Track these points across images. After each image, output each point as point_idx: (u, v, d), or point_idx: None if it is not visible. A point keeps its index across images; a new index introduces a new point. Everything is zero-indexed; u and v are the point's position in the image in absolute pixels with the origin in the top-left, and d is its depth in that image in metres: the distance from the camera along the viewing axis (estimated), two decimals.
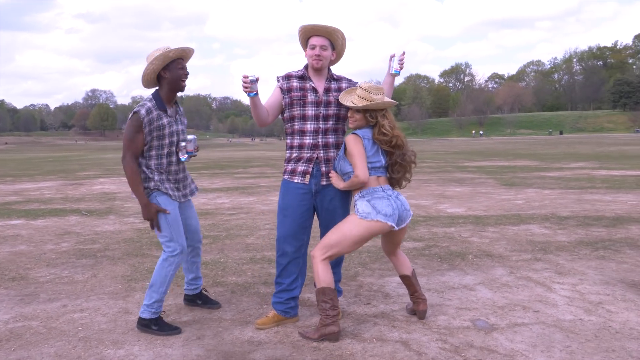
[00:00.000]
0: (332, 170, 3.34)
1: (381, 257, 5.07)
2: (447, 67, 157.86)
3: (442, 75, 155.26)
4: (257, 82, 3.12)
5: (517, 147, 37.63)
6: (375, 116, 3.22)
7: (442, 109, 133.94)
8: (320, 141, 3.36)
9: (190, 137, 3.49)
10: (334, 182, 3.30)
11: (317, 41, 3.29)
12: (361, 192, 3.20)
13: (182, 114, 3.54)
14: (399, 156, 3.27)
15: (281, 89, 3.38)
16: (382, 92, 3.22)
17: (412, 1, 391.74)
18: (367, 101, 3.16)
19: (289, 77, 3.40)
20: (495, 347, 3.00)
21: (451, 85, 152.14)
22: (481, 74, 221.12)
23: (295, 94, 3.35)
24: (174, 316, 3.63)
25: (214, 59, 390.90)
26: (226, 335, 3.27)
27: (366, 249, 5.39)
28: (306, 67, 3.43)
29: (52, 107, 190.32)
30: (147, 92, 3.43)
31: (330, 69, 3.46)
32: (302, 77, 3.39)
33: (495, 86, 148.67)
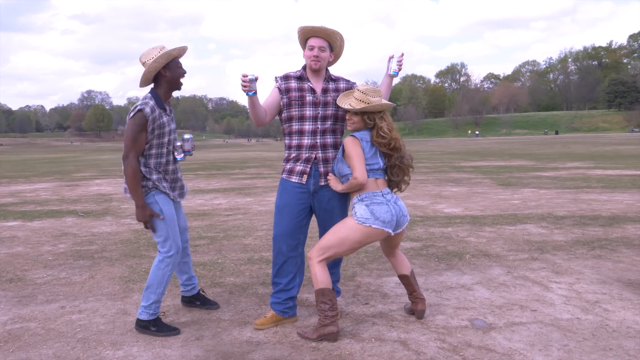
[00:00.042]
0: (331, 173, 3.35)
1: (379, 257, 5.09)
2: (443, 68, 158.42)
3: (437, 75, 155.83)
4: (256, 81, 3.13)
5: (513, 147, 37.73)
6: (373, 118, 3.23)
7: (438, 109, 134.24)
8: (318, 142, 3.37)
9: (187, 136, 3.53)
10: (332, 184, 3.30)
11: (316, 42, 3.30)
12: (360, 195, 3.20)
13: (173, 113, 3.55)
14: (398, 159, 3.28)
15: (279, 89, 3.39)
16: (379, 94, 3.24)
17: (407, 1, 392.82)
18: (365, 104, 3.17)
19: (287, 78, 3.41)
20: (493, 346, 3.01)
21: (447, 85, 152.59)
22: (477, 74, 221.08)
23: (293, 94, 3.35)
24: (172, 317, 3.63)
25: (209, 60, 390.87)
26: (225, 335, 3.27)
27: (364, 249, 5.39)
28: (304, 67, 3.44)
29: (48, 109, 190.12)
30: (143, 92, 3.42)
31: (328, 70, 3.47)
32: (300, 78, 3.40)
33: (490, 86, 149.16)
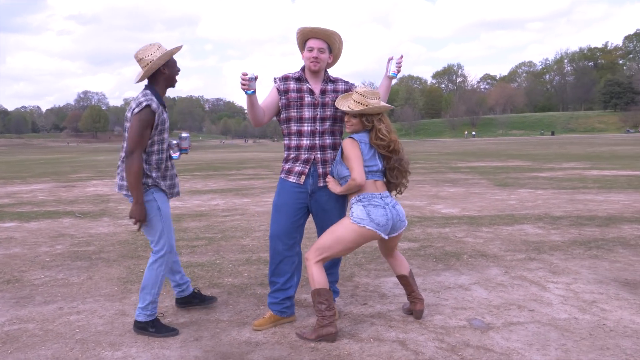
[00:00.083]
0: (329, 175, 3.35)
1: (377, 258, 5.10)
2: (440, 68, 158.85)
3: (434, 76, 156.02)
4: (256, 80, 3.13)
5: (509, 148, 37.81)
6: (371, 120, 3.24)
7: (434, 109, 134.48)
8: (317, 142, 3.37)
9: (184, 134, 3.56)
10: (330, 187, 3.31)
11: (315, 44, 3.31)
12: (359, 196, 3.21)
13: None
14: (397, 161, 3.29)
15: (278, 90, 3.39)
16: (378, 96, 3.25)
17: (404, 2, 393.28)
18: (363, 106, 3.18)
19: (286, 79, 3.41)
20: (491, 346, 3.02)
21: (443, 86, 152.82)
22: (473, 74, 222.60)
23: (292, 95, 3.36)
24: (171, 318, 3.63)
25: (206, 60, 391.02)
26: (224, 336, 3.28)
27: (362, 249, 5.40)
28: (303, 68, 3.44)
29: (44, 109, 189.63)
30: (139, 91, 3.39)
31: (326, 71, 3.48)
32: (299, 79, 3.40)
33: (487, 87, 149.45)
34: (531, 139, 73.33)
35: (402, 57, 3.47)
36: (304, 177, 3.35)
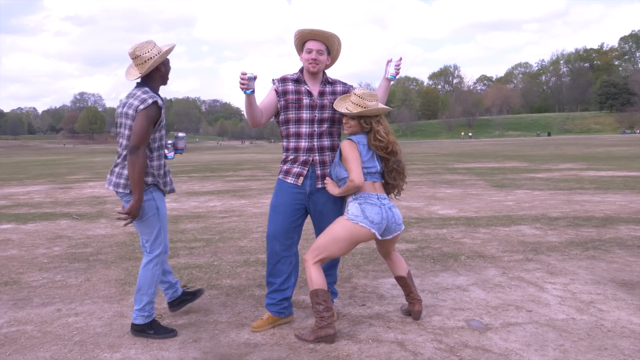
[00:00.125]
0: (328, 177, 3.36)
1: (375, 259, 5.10)
2: (436, 69, 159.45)
3: (431, 77, 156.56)
4: (255, 80, 3.13)
5: (506, 149, 37.90)
6: (369, 122, 3.25)
7: (431, 111, 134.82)
8: (315, 144, 3.38)
9: (180, 134, 3.58)
10: (329, 188, 3.32)
11: (314, 45, 3.32)
12: (355, 195, 3.23)
13: None
14: (395, 163, 3.31)
15: (277, 91, 3.40)
16: (376, 98, 3.26)
17: (400, 4, 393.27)
18: (361, 107, 3.19)
19: (284, 80, 3.42)
20: (489, 346, 3.03)
21: (440, 87, 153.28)
22: (469, 76, 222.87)
23: (290, 97, 3.36)
24: (169, 319, 3.63)
25: (203, 62, 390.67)
26: (222, 337, 3.28)
27: (360, 250, 5.41)
28: (301, 70, 3.45)
29: (40, 111, 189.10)
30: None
31: (325, 73, 3.48)
32: (297, 81, 3.41)
33: (483, 88, 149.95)
34: (527, 140, 73.54)
35: (400, 59, 3.49)
36: (302, 178, 3.36)
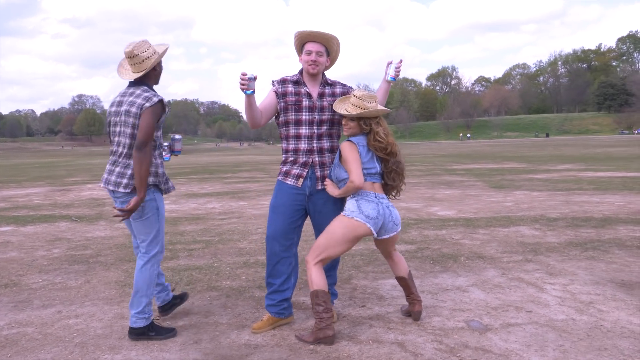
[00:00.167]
0: (327, 178, 3.37)
1: (374, 260, 5.11)
2: (434, 71, 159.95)
3: (429, 78, 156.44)
4: (255, 80, 3.13)
5: (504, 150, 37.95)
6: (369, 124, 3.26)
7: (429, 112, 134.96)
8: (315, 146, 3.39)
9: (177, 136, 3.60)
10: (328, 190, 3.33)
11: (314, 47, 3.33)
12: (354, 194, 3.24)
13: None
14: (395, 164, 3.32)
15: (276, 92, 3.40)
16: (375, 100, 3.27)
17: (398, 5, 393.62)
18: (361, 109, 3.21)
19: (284, 82, 3.43)
20: (489, 347, 3.04)
21: (438, 88, 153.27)
22: (468, 77, 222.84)
23: (290, 98, 3.37)
24: (169, 321, 3.63)
25: (201, 64, 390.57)
26: (223, 339, 3.28)
27: (359, 251, 5.42)
28: (301, 72, 3.46)
29: (38, 113, 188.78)
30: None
31: (324, 74, 3.49)
32: (296, 82, 3.42)
33: (481, 89, 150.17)
34: (526, 140, 73.63)
35: (401, 61, 3.50)
36: (301, 180, 3.37)
